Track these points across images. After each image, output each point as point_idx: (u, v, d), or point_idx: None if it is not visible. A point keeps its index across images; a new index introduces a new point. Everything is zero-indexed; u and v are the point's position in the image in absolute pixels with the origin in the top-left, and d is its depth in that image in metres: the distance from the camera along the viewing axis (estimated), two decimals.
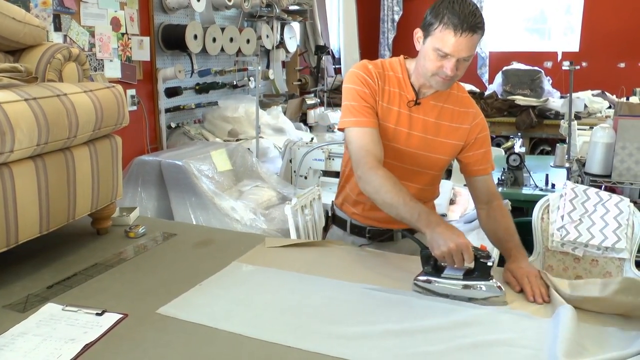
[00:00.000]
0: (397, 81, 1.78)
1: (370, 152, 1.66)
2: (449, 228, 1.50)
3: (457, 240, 1.45)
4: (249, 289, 1.56)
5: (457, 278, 1.50)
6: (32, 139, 1.48)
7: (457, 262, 1.45)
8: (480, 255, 1.47)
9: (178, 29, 3.95)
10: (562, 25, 7.37)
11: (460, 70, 1.65)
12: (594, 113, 5.71)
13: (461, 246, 1.44)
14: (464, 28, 1.55)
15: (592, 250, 2.28)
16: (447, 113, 1.79)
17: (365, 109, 1.71)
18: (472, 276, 1.49)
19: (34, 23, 1.83)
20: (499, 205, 1.82)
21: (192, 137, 4.03)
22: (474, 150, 1.82)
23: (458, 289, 1.49)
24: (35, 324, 1.35)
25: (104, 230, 1.99)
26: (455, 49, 1.58)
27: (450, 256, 1.45)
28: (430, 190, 1.90)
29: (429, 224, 1.51)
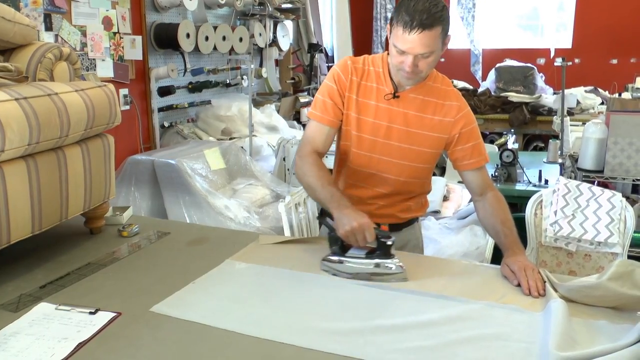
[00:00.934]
0: (377, 75, 1.81)
1: (311, 143, 1.82)
2: (355, 211, 1.59)
3: (359, 220, 1.54)
4: (243, 286, 1.56)
5: (360, 257, 1.60)
6: (23, 139, 1.47)
7: (359, 241, 1.55)
8: (381, 235, 1.57)
9: (170, 27, 3.94)
10: (555, 22, 7.39)
11: (423, 67, 1.66)
12: (587, 109, 5.74)
13: (363, 226, 1.54)
14: (413, 25, 1.57)
15: (585, 245, 2.29)
16: (430, 106, 1.80)
17: (328, 106, 1.81)
18: (374, 255, 1.59)
19: (23, 22, 1.83)
20: (493, 196, 1.83)
21: (185, 136, 4.02)
22: (461, 144, 1.82)
23: (361, 267, 1.59)
24: (28, 323, 1.35)
25: (97, 229, 1.99)
26: (408, 46, 1.61)
27: (353, 235, 1.55)
28: (418, 183, 1.90)
29: (338, 206, 1.62)
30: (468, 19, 7.25)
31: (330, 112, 1.81)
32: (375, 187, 1.87)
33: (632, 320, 1.27)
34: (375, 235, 1.56)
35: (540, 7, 7.47)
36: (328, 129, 1.83)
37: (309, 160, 1.78)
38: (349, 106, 1.82)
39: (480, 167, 1.85)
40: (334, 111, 1.81)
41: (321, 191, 1.70)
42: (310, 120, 1.86)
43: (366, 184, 1.88)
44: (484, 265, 1.77)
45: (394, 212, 1.91)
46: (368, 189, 1.88)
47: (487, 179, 1.87)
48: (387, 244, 1.58)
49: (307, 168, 1.76)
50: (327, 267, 1.63)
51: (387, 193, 1.87)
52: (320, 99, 1.83)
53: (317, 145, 1.82)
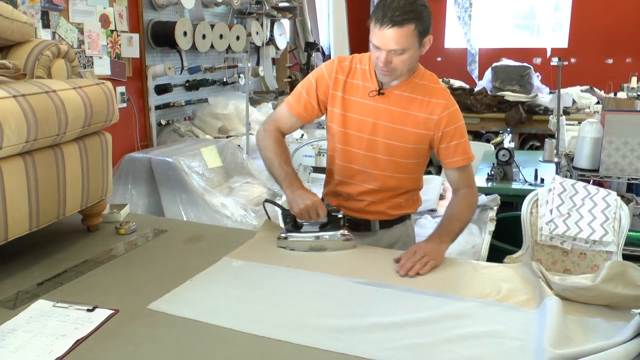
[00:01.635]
0: (362, 73, 1.84)
1: (277, 122, 1.94)
2: (307, 191, 1.77)
3: (311, 198, 1.73)
4: (240, 284, 1.56)
5: (314, 231, 1.77)
6: (20, 136, 1.47)
7: (312, 217, 1.72)
8: (331, 210, 1.75)
9: (167, 25, 3.94)
10: (551, 21, 7.41)
11: (397, 64, 1.69)
12: (583, 108, 5.75)
13: (315, 203, 1.72)
14: (384, 22, 1.61)
15: (580, 244, 2.31)
16: (415, 102, 1.81)
17: (301, 99, 1.89)
18: (326, 228, 1.77)
19: (21, 19, 1.82)
20: (463, 193, 1.88)
21: (182, 134, 4.02)
22: (445, 142, 1.83)
23: (314, 240, 1.77)
24: (25, 320, 1.35)
25: (94, 227, 1.99)
26: (381, 42, 1.65)
27: (306, 212, 1.72)
28: (407, 179, 1.91)
29: (290, 185, 1.78)
30: (465, 18, 7.26)
31: (301, 105, 1.90)
32: (364, 183, 1.89)
33: (626, 318, 1.28)
34: (326, 211, 1.73)
35: (537, 7, 7.49)
36: (295, 119, 1.93)
37: (272, 135, 1.91)
38: (333, 103, 1.86)
39: (462, 166, 1.86)
40: (305, 105, 1.89)
41: (277, 168, 1.85)
42: (283, 105, 1.95)
43: (354, 180, 1.90)
44: (480, 264, 1.78)
45: (384, 209, 1.93)
46: (357, 185, 1.90)
47: (466, 179, 1.89)
48: (337, 217, 1.76)
49: (268, 142, 1.90)
50: (284, 244, 1.79)
51: (376, 189, 1.89)
52: (299, 90, 1.91)
53: (282, 126, 1.94)
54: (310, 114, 1.91)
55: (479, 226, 2.69)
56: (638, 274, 1.36)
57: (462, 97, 5.97)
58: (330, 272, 1.62)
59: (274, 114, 1.99)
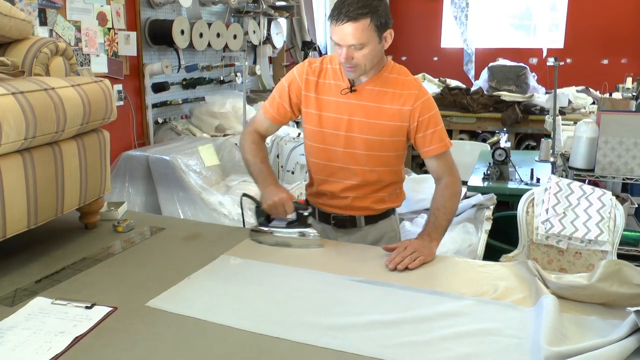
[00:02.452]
0: (334, 72, 1.88)
1: (254, 125, 2.03)
2: (278, 187, 1.84)
3: (280, 194, 1.78)
4: (237, 281, 1.57)
5: (281, 227, 1.83)
6: (19, 133, 1.48)
7: (280, 213, 1.78)
8: (298, 207, 1.80)
9: (165, 24, 3.93)
10: (547, 22, 7.43)
11: (359, 59, 1.73)
12: (578, 108, 5.77)
13: (282, 199, 1.77)
14: (340, 18, 1.67)
15: (575, 243, 2.32)
16: (387, 96, 1.83)
17: (274, 102, 1.96)
18: (293, 224, 1.82)
19: (19, 17, 1.83)
20: (445, 182, 1.90)
21: (179, 133, 4.02)
22: (421, 132, 1.85)
23: (281, 236, 1.81)
24: (24, 317, 1.36)
25: (92, 224, 2.00)
26: (339, 38, 1.71)
27: (275, 208, 1.78)
28: (387, 171, 1.93)
29: (263, 182, 1.87)
30: (461, 18, 7.27)
31: (274, 108, 1.96)
32: (345, 180, 1.92)
33: (622, 316, 1.29)
34: (293, 208, 1.79)
35: (533, 7, 7.50)
36: (269, 122, 1.99)
37: (249, 137, 1.99)
38: (308, 104, 1.90)
39: (440, 153, 1.88)
40: (277, 108, 1.95)
41: (253, 167, 1.92)
42: (259, 110, 2.02)
43: (335, 177, 1.93)
44: (476, 262, 1.79)
45: (368, 204, 1.95)
46: (338, 183, 1.93)
47: (446, 166, 1.91)
48: (303, 215, 1.81)
49: (246, 144, 1.98)
50: (254, 237, 1.85)
51: (358, 184, 1.91)
52: (273, 94, 1.97)
53: (259, 129, 2.02)
54: (282, 117, 1.97)
55: (476, 225, 2.71)
56: (633, 272, 1.38)
57: (458, 96, 5.98)
58: (328, 270, 1.63)
59: (252, 118, 2.08)
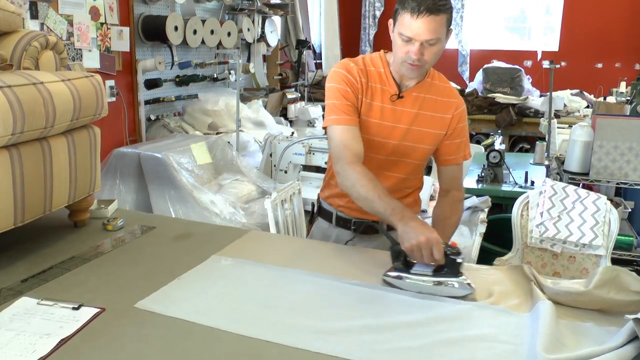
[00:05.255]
0: (379, 76, 1.79)
1: (349, 148, 1.69)
2: (422, 224, 1.49)
3: (427, 234, 1.44)
4: (228, 282, 1.54)
5: (426, 274, 1.48)
6: (6, 128, 1.44)
7: (425, 257, 1.44)
8: (450, 252, 1.46)
9: (158, 20, 3.90)
10: (542, 25, 7.44)
11: (429, 56, 1.66)
12: (573, 112, 5.79)
13: (431, 240, 1.43)
14: (421, 10, 1.58)
15: (569, 247, 2.31)
16: (430, 103, 1.80)
17: (347, 107, 1.72)
18: (441, 273, 1.47)
19: (9, 9, 1.79)
20: (453, 196, 1.89)
21: (172, 130, 3.98)
22: (451, 139, 1.84)
23: (427, 285, 1.47)
24: (8, 318, 1.32)
25: (81, 222, 1.96)
26: (416, 32, 1.61)
27: (419, 250, 1.44)
28: (414, 179, 1.91)
29: (402, 218, 1.51)
30: (456, 19, 7.27)
31: (353, 112, 1.74)
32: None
33: (619, 323, 1.28)
34: (443, 252, 1.45)
35: (528, 10, 7.52)
36: (357, 129, 1.73)
37: (356, 169, 1.66)
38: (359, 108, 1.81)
39: (459, 163, 1.89)
40: (349, 110, 1.73)
41: (379, 203, 1.59)
42: (333, 127, 1.73)
43: None
44: (471, 266, 1.77)
45: None
46: None
47: (459, 179, 1.91)
48: (456, 262, 1.46)
49: (355, 178, 1.65)
50: (390, 281, 1.52)
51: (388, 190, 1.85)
52: (337, 103, 1.73)
53: (355, 149, 1.70)
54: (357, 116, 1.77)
55: (470, 228, 2.69)
56: (630, 279, 1.36)
57: None
58: (322, 272, 1.60)
59: (337, 145, 1.71)
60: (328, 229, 1.99)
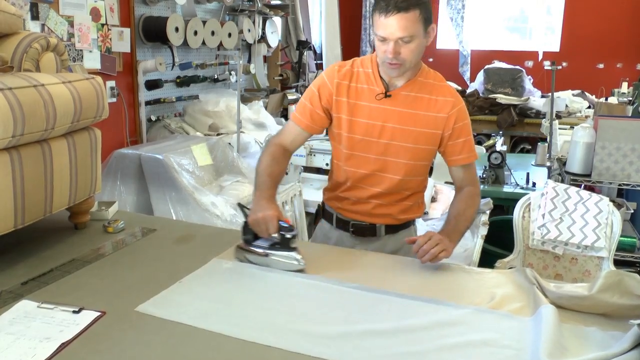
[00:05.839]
0: (366, 76, 1.81)
1: (281, 136, 1.91)
2: (269, 202, 1.67)
3: (265, 212, 1.62)
4: (229, 286, 1.53)
5: (263, 247, 1.67)
6: (7, 130, 1.43)
7: (262, 231, 1.63)
8: (283, 228, 1.63)
9: (159, 21, 3.89)
10: (543, 25, 7.43)
11: (406, 54, 1.67)
12: (574, 113, 5.78)
13: (266, 217, 1.61)
14: (389, 9, 1.60)
15: (571, 249, 2.30)
16: (423, 102, 1.79)
17: (306, 110, 1.85)
18: (276, 246, 1.66)
19: (9, 11, 1.78)
20: (467, 191, 1.86)
21: (173, 131, 3.97)
22: (453, 139, 1.82)
23: (262, 258, 1.65)
24: (8, 321, 1.31)
25: (81, 224, 1.95)
26: (388, 31, 1.63)
27: (258, 225, 1.63)
28: (414, 181, 1.88)
29: (258, 195, 1.72)
30: (457, 19, 7.27)
31: (306, 116, 1.85)
32: (372, 187, 1.86)
33: (623, 328, 1.27)
34: (277, 228, 1.62)
35: (529, 10, 7.51)
36: (300, 130, 1.88)
37: (269, 150, 1.87)
38: (339, 109, 1.83)
39: (468, 163, 1.86)
40: (310, 115, 1.85)
41: (258, 178, 1.78)
42: (290, 121, 1.92)
43: (363, 184, 1.87)
44: (473, 269, 1.76)
45: (392, 213, 1.90)
46: (365, 189, 1.87)
47: (471, 176, 1.89)
48: (286, 237, 1.64)
49: (264, 156, 1.85)
50: (237, 255, 1.71)
51: (384, 192, 1.85)
52: (302, 102, 1.87)
53: (285, 141, 1.89)
54: (318, 124, 1.87)
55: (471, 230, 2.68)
56: (634, 283, 1.35)
57: None
58: (323, 275, 1.60)
59: (279, 131, 1.96)
60: (329, 231, 1.99)
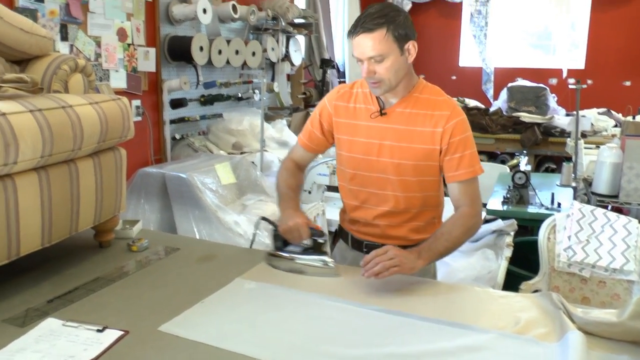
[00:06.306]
0: (364, 96, 1.85)
1: (291, 155, 2.04)
2: (296, 211, 1.81)
3: (294, 219, 1.75)
4: (252, 307, 1.53)
5: (296, 252, 1.79)
6: (36, 151, 1.46)
7: (295, 238, 1.75)
8: (314, 233, 1.76)
9: (184, 40, 3.95)
10: (567, 41, 7.36)
11: (382, 72, 1.69)
12: (600, 131, 5.69)
13: (298, 224, 1.74)
14: (356, 30, 1.67)
15: (599, 272, 2.25)
16: (419, 118, 1.77)
17: (307, 131, 1.96)
18: (308, 251, 1.78)
19: (40, 33, 1.83)
20: (460, 212, 1.78)
21: (196, 149, 4.01)
22: (449, 154, 1.76)
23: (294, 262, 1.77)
24: (34, 339, 1.33)
25: (106, 243, 1.97)
26: (358, 52, 1.69)
27: (290, 233, 1.75)
28: (420, 198, 1.84)
29: (284, 205, 1.86)
30: (480, 37, 7.25)
31: (306, 136, 1.96)
32: (377, 207, 1.86)
33: None
34: (309, 233, 1.75)
35: (553, 27, 7.45)
36: (302, 150, 2.00)
37: (284, 165, 2.02)
38: (339, 130, 1.88)
39: (465, 180, 1.77)
40: (310, 136, 1.95)
41: (279, 191, 1.93)
42: (296, 143, 2.04)
43: (368, 204, 1.87)
44: (497, 293, 1.73)
45: (404, 234, 1.88)
46: (371, 209, 1.87)
47: (467, 195, 1.78)
48: (318, 242, 1.77)
49: (280, 172, 2.00)
50: (269, 261, 1.82)
51: (391, 211, 1.84)
52: (306, 123, 1.98)
53: (295, 158, 2.03)
54: (316, 144, 1.96)
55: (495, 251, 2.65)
56: None
57: (477, 117, 5.93)
58: (345, 297, 1.59)
59: (290, 149, 2.09)
60: (345, 251, 2.00)
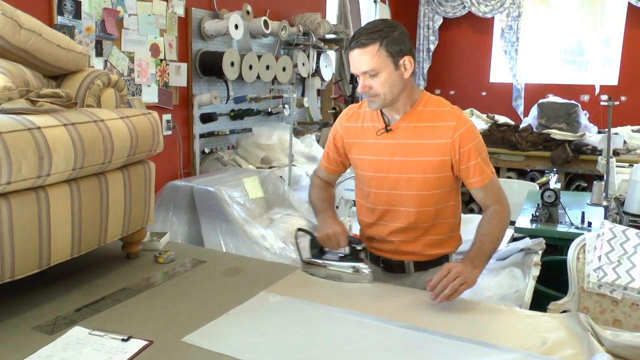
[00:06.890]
0: (370, 115, 1.88)
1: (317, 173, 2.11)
2: (334, 220, 1.88)
3: (333, 227, 1.82)
4: (276, 320, 1.54)
5: (333, 260, 1.85)
6: (68, 163, 1.50)
7: (333, 245, 1.81)
8: (352, 241, 1.82)
9: (215, 55, 4.01)
10: (600, 57, 7.23)
11: (377, 87, 1.73)
12: (634, 149, 5.57)
13: (337, 232, 1.80)
14: (351, 46, 1.72)
15: (631, 294, 2.20)
16: (424, 131, 1.79)
17: (327, 156, 2.03)
18: (346, 258, 1.85)
19: (76, 50, 1.88)
20: (493, 210, 1.83)
21: (225, 163, 4.05)
22: (464, 164, 1.78)
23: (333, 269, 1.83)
24: (61, 347, 1.36)
25: (133, 254, 2.01)
26: (353, 67, 1.74)
27: (328, 240, 1.81)
28: (431, 212, 1.84)
29: (321, 214, 1.93)
30: (511, 52, 7.19)
31: (326, 160, 2.03)
32: (391, 223, 1.87)
33: None
34: (347, 241, 1.81)
35: (585, 42, 7.32)
36: (325, 173, 2.06)
37: (313, 182, 2.10)
38: (351, 150, 1.92)
39: (484, 185, 1.81)
40: (328, 159, 2.02)
41: (314, 204, 2.02)
42: (318, 167, 2.10)
43: (382, 221, 1.88)
44: (524, 312, 1.71)
45: (419, 249, 1.88)
46: (384, 226, 1.88)
47: (493, 195, 1.84)
48: (356, 249, 1.83)
49: (312, 188, 2.08)
50: (306, 269, 1.89)
51: (404, 227, 1.85)
52: (325, 151, 2.05)
53: (320, 176, 2.09)
54: (336, 166, 2.02)
55: (523, 270, 2.61)
56: None
57: (506, 133, 5.87)
58: (370, 312, 1.58)
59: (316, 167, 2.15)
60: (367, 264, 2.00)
